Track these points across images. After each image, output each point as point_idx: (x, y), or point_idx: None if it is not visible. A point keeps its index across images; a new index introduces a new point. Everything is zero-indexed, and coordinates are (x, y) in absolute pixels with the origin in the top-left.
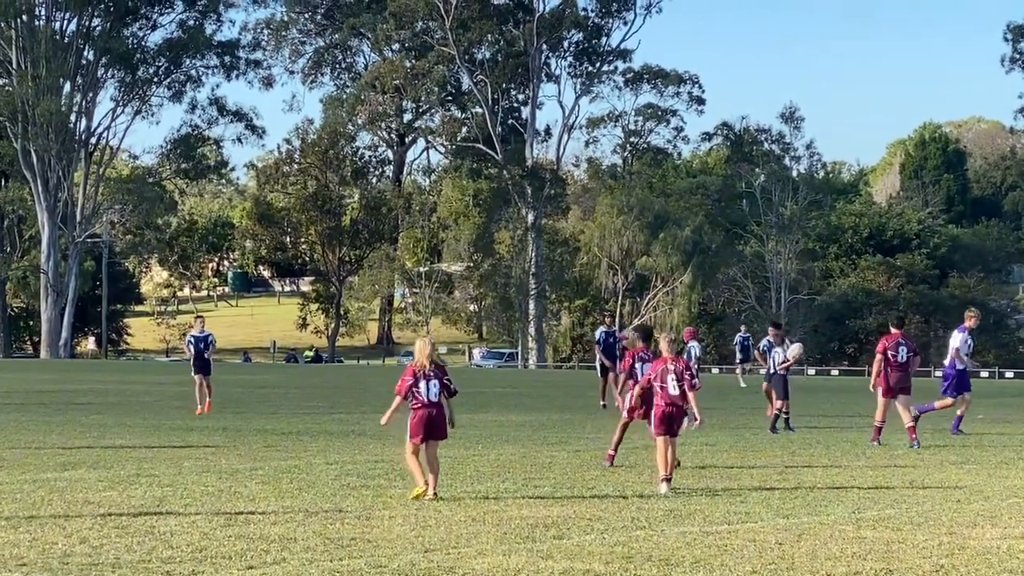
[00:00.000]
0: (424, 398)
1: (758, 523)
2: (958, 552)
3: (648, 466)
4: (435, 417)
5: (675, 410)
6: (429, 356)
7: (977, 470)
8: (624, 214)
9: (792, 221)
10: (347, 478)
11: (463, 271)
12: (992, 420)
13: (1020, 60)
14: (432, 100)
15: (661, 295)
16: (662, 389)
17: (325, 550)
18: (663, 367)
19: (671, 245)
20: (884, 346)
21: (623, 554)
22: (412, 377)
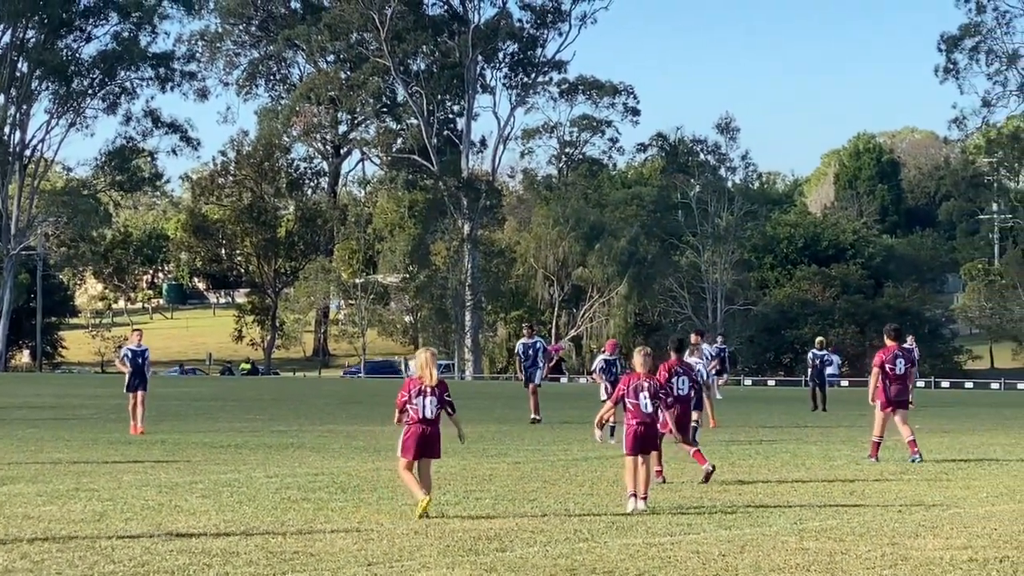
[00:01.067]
0: (420, 414)
1: (700, 534)
2: (901, 563)
3: (588, 478)
4: (429, 435)
5: (647, 428)
6: (430, 368)
7: (916, 480)
8: (560, 225)
9: (728, 231)
10: (288, 491)
11: (399, 282)
12: (929, 430)
13: (954, 71)
14: (367, 111)
15: (597, 306)
16: (634, 406)
17: (268, 564)
18: (636, 383)
19: (607, 256)
20: (881, 359)
21: (567, 567)
22: (407, 392)
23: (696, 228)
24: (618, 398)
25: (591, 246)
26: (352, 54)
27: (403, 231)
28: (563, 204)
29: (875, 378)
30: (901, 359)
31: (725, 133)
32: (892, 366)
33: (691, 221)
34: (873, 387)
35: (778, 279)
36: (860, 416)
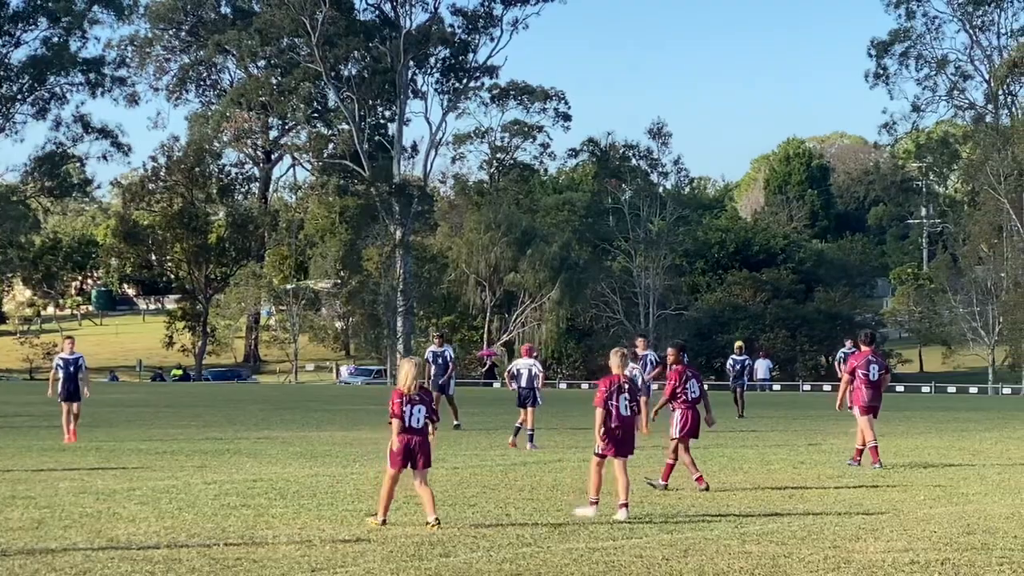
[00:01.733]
0: (406, 423)
1: (643, 539)
2: (844, 566)
3: (527, 483)
4: (417, 446)
5: (623, 432)
6: (416, 378)
7: (855, 484)
8: (492, 230)
9: (660, 236)
10: (227, 497)
11: (330, 288)
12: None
13: (884, 76)
14: (298, 117)
15: (529, 311)
16: (613, 408)
17: (211, 571)
18: (615, 385)
19: (539, 261)
20: (854, 365)
21: (511, 572)
22: (401, 398)
23: (628, 233)
24: (602, 401)
25: (523, 251)
26: (283, 59)
27: (334, 237)
28: (495, 209)
29: (845, 384)
30: (875, 365)
31: (657, 138)
32: (866, 372)
33: (623, 226)
34: (843, 393)
35: (709, 284)
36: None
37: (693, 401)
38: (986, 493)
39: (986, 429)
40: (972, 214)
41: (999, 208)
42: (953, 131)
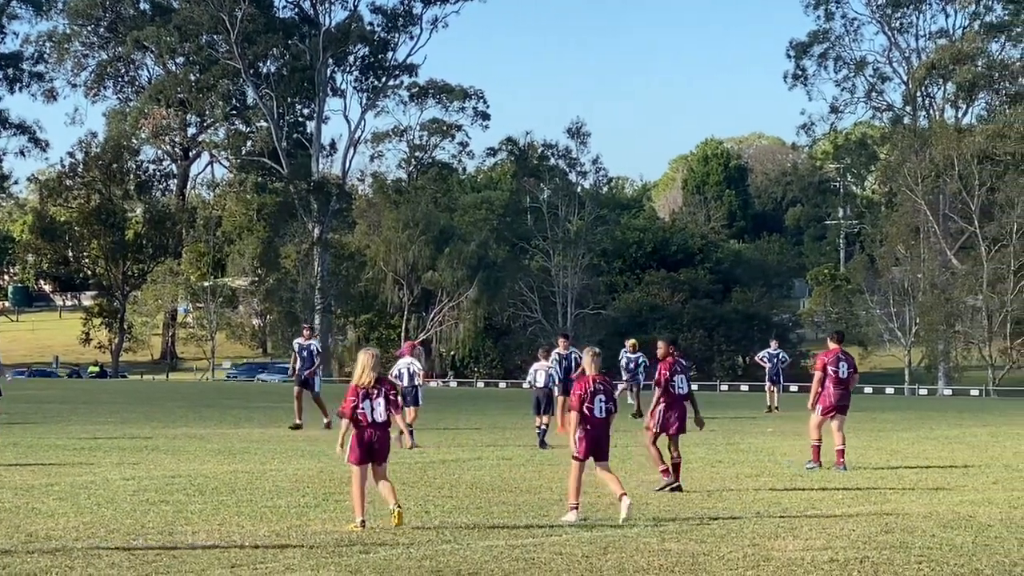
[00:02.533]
0: (368, 418)
1: (563, 536)
2: (763, 564)
3: (446, 481)
4: (378, 439)
5: (600, 433)
6: (374, 370)
7: (772, 482)
8: (410, 228)
9: (578, 236)
10: (145, 493)
11: (248, 285)
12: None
13: (802, 77)
14: (217, 114)
15: (447, 309)
16: (588, 411)
17: (131, 566)
18: (591, 387)
19: (457, 260)
20: (824, 362)
21: (432, 568)
22: (355, 397)
23: (546, 232)
24: (578, 404)
25: (441, 250)
26: (202, 56)
27: (252, 234)
28: (413, 208)
29: (817, 383)
30: (844, 363)
31: (576, 138)
32: (835, 369)
33: (541, 225)
34: (815, 392)
35: (627, 283)
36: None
37: (680, 396)
38: (904, 492)
39: (903, 429)
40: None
41: (916, 209)
42: (871, 133)
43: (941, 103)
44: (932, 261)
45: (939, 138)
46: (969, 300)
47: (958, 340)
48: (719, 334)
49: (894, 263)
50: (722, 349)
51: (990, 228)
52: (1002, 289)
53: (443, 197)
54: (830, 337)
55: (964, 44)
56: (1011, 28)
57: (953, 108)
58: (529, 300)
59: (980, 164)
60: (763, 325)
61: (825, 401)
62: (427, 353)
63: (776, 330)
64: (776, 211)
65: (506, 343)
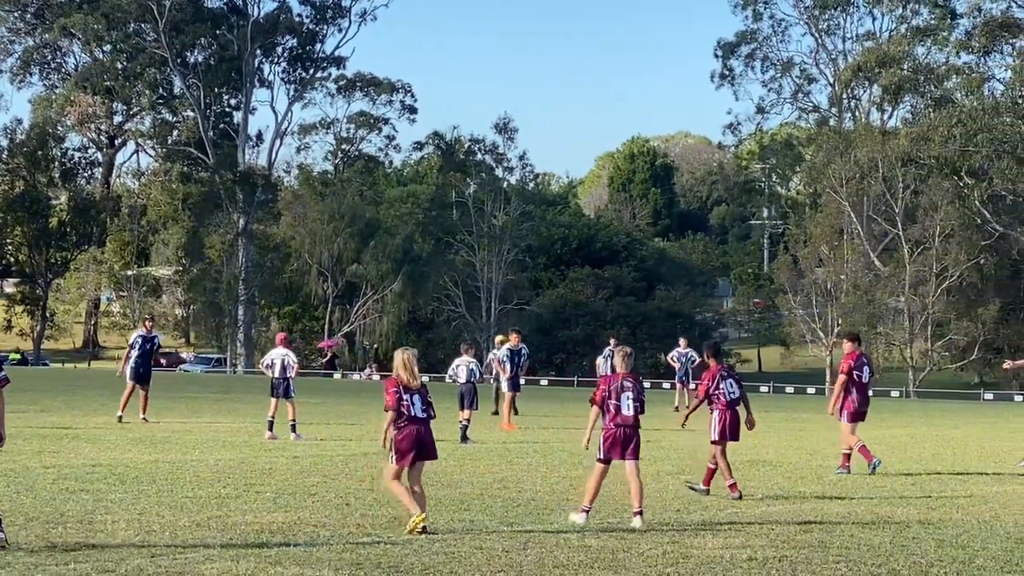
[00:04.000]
0: (413, 412)
1: (483, 532)
2: (683, 561)
3: (368, 474)
4: (425, 435)
5: (627, 433)
6: (412, 368)
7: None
8: (335, 221)
9: (503, 231)
10: (65, 482)
11: (172, 275)
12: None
13: (729, 77)
14: (143, 103)
15: (371, 302)
16: (615, 408)
17: (50, 555)
18: (617, 383)
19: (382, 253)
20: (849, 365)
21: (352, 560)
22: (398, 388)
23: (472, 227)
24: (601, 400)
25: (366, 243)
26: (129, 44)
27: (177, 224)
28: (339, 200)
29: (840, 386)
30: (866, 366)
31: (503, 133)
32: (859, 373)
33: (467, 220)
34: (837, 396)
35: (551, 279)
36: None
37: (732, 402)
38: (823, 492)
39: (824, 428)
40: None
41: (840, 211)
42: (797, 133)
43: (867, 105)
44: (855, 262)
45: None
46: (891, 302)
47: (880, 341)
48: (642, 332)
49: (817, 264)
50: (645, 347)
51: (913, 231)
52: (924, 291)
53: (369, 190)
54: (846, 338)
55: (890, 47)
56: (937, 32)
57: (878, 111)
58: (453, 294)
59: (904, 167)
60: (686, 324)
61: (851, 407)
62: (350, 346)
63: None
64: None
65: (429, 337)
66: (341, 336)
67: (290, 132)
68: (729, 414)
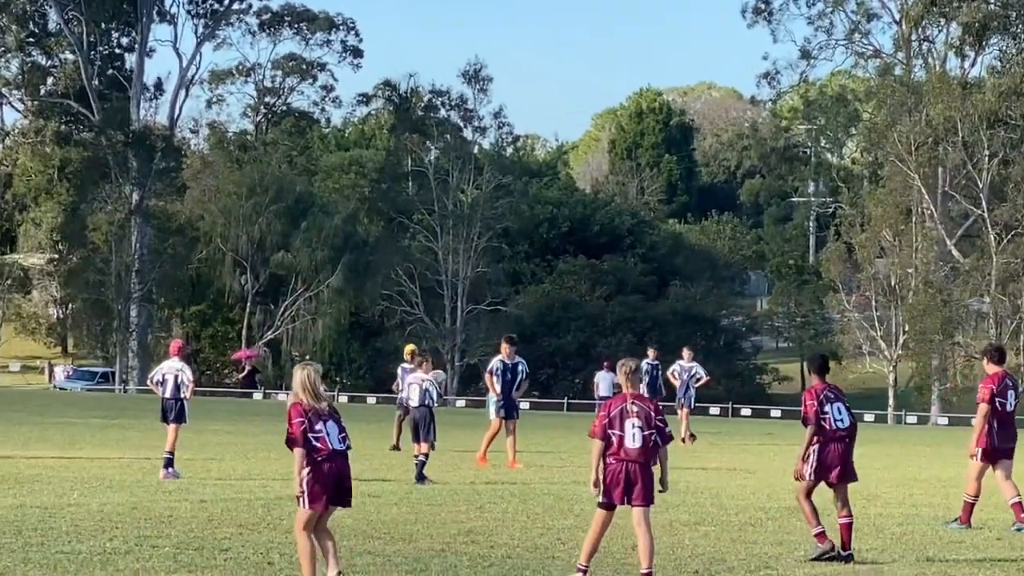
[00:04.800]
0: (329, 444)
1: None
2: None
3: None
4: (345, 472)
5: (634, 471)
6: (316, 388)
7: (716, 533)
8: (256, 196)
9: (473, 210)
10: None
11: (45, 265)
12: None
13: (766, 12)
14: (9, 42)
15: (303, 301)
16: (618, 439)
17: None
18: (621, 407)
19: (316, 237)
20: (991, 390)
21: None
22: (303, 416)
23: (433, 205)
24: (602, 431)
25: (296, 224)
26: None
27: (52, 199)
28: (261, 169)
29: (983, 418)
30: (1011, 390)
31: (473, 84)
32: (1003, 400)
33: (427, 195)
34: (980, 430)
35: (535, 273)
36: None
37: (839, 433)
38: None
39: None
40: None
41: (908, 185)
42: (852, 85)
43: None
44: (927, 252)
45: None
46: (973, 303)
47: (958, 354)
48: (652, 340)
49: (878, 254)
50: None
51: (1001, 212)
52: (1015, 290)
53: (300, 156)
54: (988, 356)
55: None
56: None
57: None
58: (408, 291)
59: (990, 129)
60: (709, 330)
61: (984, 443)
62: (275, 357)
63: (723, 336)
64: (729, 184)
65: (377, 346)
66: (263, 345)
67: (199, 81)
68: (834, 448)
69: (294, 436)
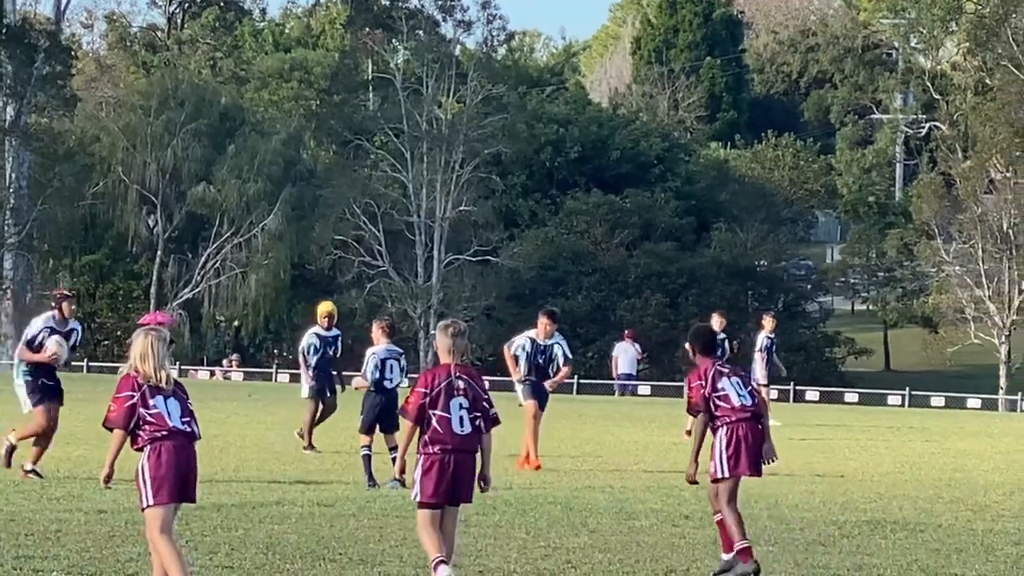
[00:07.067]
0: (168, 422)
1: None
2: None
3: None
4: (192, 460)
5: (460, 461)
6: (161, 360)
7: None
8: (169, 110)
9: (454, 130)
10: None
11: None
12: None
13: None
14: None
15: (230, 250)
16: (440, 421)
17: None
18: (443, 382)
19: (248, 166)
20: None
21: None
22: (134, 390)
23: (401, 123)
24: (418, 409)
25: (221, 148)
26: None
27: None
28: (175, 76)
29: None
30: None
31: None
32: None
33: (392, 111)
34: None
35: (536, 213)
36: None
37: (749, 410)
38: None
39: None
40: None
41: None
42: None
43: None
44: None
45: None
46: None
47: None
48: (688, 301)
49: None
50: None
51: None
52: None
53: (227, 59)
54: None
55: None
56: None
57: None
58: (369, 236)
59: None
60: (763, 288)
61: None
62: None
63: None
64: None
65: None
66: (179, 307)
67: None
68: (743, 429)
69: (115, 414)
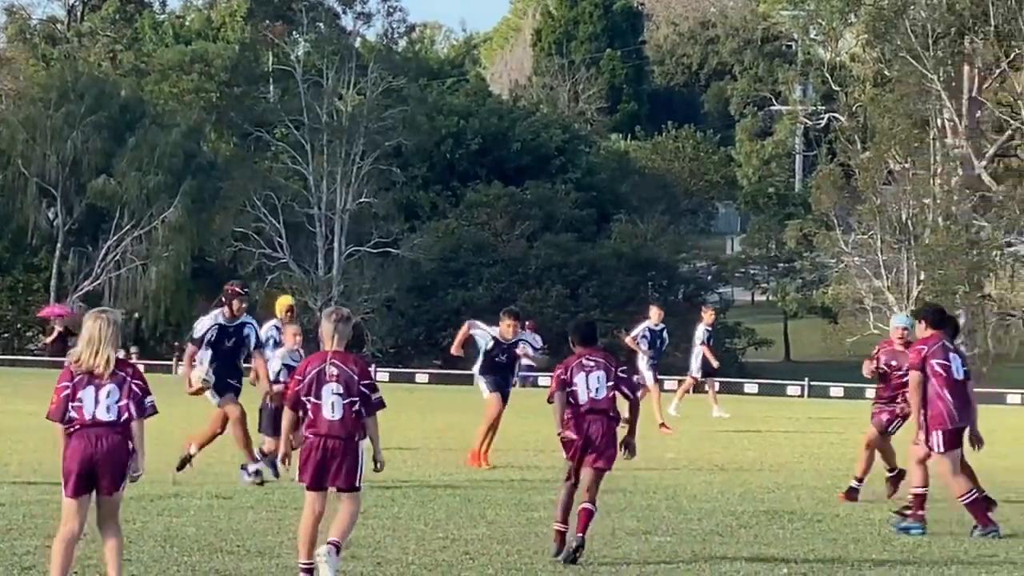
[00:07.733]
0: (85, 416)
1: None
2: None
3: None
4: (105, 451)
5: (335, 447)
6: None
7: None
8: (69, 103)
9: (355, 122)
10: None
11: None
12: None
13: None
14: None
15: (130, 242)
16: (314, 409)
17: None
18: (317, 368)
19: (148, 158)
20: (923, 353)
21: None
22: (70, 382)
23: (301, 115)
24: (294, 396)
25: (122, 140)
26: None
27: None
28: (75, 68)
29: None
30: (956, 355)
31: None
32: (943, 362)
33: (293, 103)
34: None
35: (436, 205)
36: None
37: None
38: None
39: None
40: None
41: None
42: None
43: None
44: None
45: None
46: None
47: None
48: (588, 292)
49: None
50: (595, 318)
51: None
52: None
53: (127, 51)
54: (925, 319)
55: None
56: None
57: None
58: (269, 228)
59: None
60: (663, 279)
61: (939, 423)
62: None
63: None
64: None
65: None
66: (78, 299)
67: None
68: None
69: (54, 406)
